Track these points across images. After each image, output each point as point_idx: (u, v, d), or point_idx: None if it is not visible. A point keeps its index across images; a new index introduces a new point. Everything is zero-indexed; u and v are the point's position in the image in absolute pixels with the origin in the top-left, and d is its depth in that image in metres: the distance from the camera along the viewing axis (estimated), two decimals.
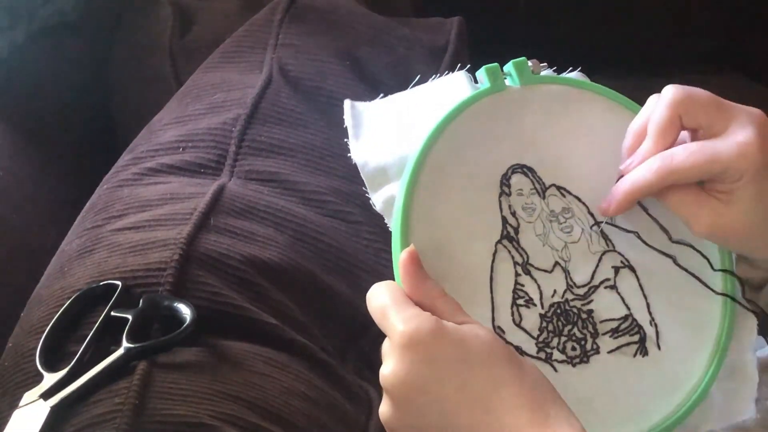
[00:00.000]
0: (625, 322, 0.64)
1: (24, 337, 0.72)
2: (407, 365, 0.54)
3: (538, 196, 0.65)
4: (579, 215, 0.65)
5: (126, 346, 0.67)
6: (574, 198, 0.66)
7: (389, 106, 0.70)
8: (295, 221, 0.83)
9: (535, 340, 0.62)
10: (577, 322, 0.63)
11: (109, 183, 0.87)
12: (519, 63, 0.66)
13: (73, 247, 0.79)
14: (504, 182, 0.64)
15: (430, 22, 1.15)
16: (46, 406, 0.64)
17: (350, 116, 0.70)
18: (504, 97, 0.66)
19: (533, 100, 0.66)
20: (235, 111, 0.91)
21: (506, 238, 0.63)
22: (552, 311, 0.63)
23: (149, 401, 0.64)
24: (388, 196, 0.65)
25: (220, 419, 0.64)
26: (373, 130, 0.68)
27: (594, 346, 0.63)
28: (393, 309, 0.56)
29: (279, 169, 0.87)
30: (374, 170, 0.66)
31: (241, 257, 0.76)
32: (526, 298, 0.63)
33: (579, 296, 0.64)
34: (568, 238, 0.65)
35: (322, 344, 0.78)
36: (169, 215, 0.78)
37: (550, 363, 0.62)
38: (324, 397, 0.73)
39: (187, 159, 0.87)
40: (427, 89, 0.70)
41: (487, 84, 0.66)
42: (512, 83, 0.67)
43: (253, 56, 1.00)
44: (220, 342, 0.70)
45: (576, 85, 0.68)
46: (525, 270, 0.63)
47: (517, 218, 0.64)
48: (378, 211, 0.65)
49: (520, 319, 0.62)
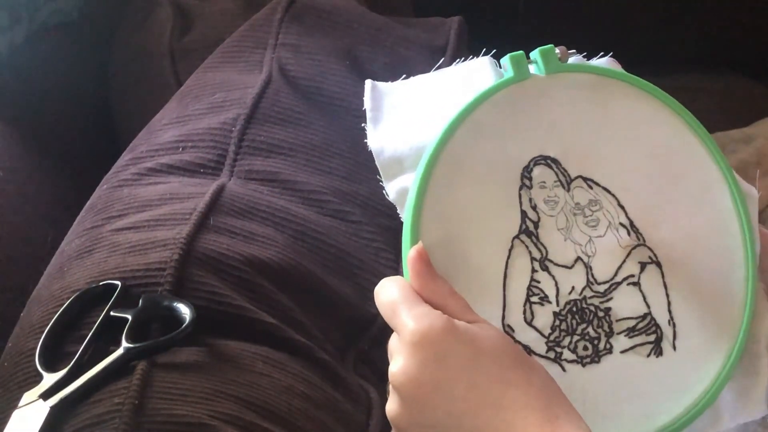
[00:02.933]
0: (643, 321, 0.63)
1: (24, 337, 0.72)
2: (418, 363, 0.53)
3: (563, 188, 0.63)
4: (608, 208, 0.63)
5: (125, 346, 0.67)
6: (602, 189, 0.63)
7: (410, 90, 0.68)
8: (295, 221, 0.83)
9: (546, 339, 0.61)
10: (593, 321, 0.62)
11: (109, 183, 0.87)
12: (546, 50, 0.64)
13: (73, 247, 0.79)
14: (525, 174, 0.62)
15: (430, 21, 1.15)
16: (46, 406, 0.64)
17: (370, 98, 0.67)
18: (528, 86, 0.63)
19: (559, 89, 0.64)
20: (235, 111, 0.91)
21: (525, 233, 0.62)
22: (567, 309, 0.62)
23: (149, 401, 0.64)
24: (401, 187, 0.63)
25: (219, 419, 0.64)
26: (392, 116, 0.66)
27: (607, 346, 0.62)
28: (403, 306, 0.55)
29: (279, 169, 0.87)
30: (389, 159, 0.64)
31: (240, 257, 0.76)
32: (541, 296, 0.61)
33: (599, 293, 0.62)
34: (593, 232, 0.63)
35: (322, 344, 0.78)
36: (169, 215, 0.78)
37: (558, 363, 0.61)
38: (324, 397, 0.73)
39: (186, 159, 0.87)
40: (451, 74, 0.68)
41: (511, 72, 0.63)
42: (538, 71, 0.64)
43: (253, 56, 1.00)
44: (219, 342, 0.70)
45: (604, 73, 0.66)
46: (543, 266, 0.62)
47: (538, 212, 0.62)
48: (390, 200, 0.63)
49: (532, 317, 0.61)
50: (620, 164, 0.64)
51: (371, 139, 0.65)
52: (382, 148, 0.64)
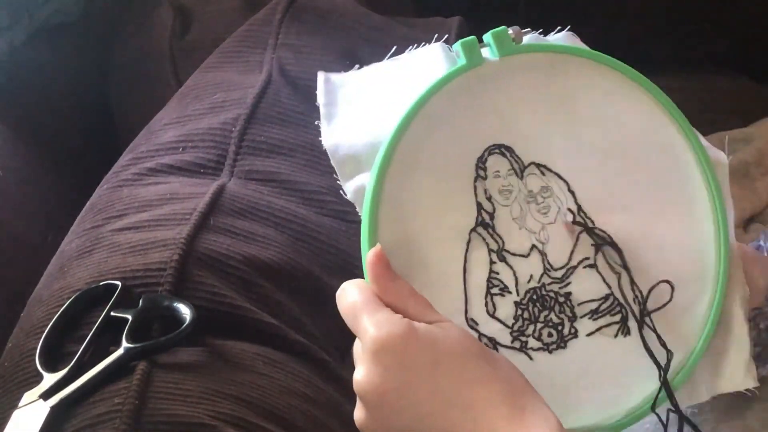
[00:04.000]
0: (606, 302, 0.62)
1: (24, 338, 0.72)
2: (380, 371, 0.53)
3: (516, 176, 0.62)
4: (558, 194, 0.62)
5: (126, 346, 0.67)
6: (554, 175, 0.62)
7: (364, 81, 0.67)
8: (295, 221, 0.83)
9: (510, 329, 0.61)
10: (554, 307, 0.61)
11: (109, 183, 0.87)
12: (498, 33, 0.62)
13: (73, 247, 0.79)
14: (480, 165, 0.61)
15: (430, 22, 1.15)
16: (46, 406, 0.64)
17: (323, 92, 0.66)
18: (481, 73, 0.62)
19: (513, 72, 0.62)
20: (235, 111, 0.91)
21: (481, 225, 0.61)
22: (528, 297, 0.61)
23: (149, 401, 0.64)
24: (358, 185, 0.61)
25: (219, 419, 0.64)
26: (346, 111, 0.65)
27: (572, 330, 0.61)
28: (363, 312, 0.55)
29: (279, 169, 0.87)
30: (345, 157, 0.62)
31: (241, 257, 0.76)
32: (501, 287, 0.61)
33: (556, 279, 0.62)
34: (545, 219, 0.62)
35: (322, 344, 0.78)
36: (169, 215, 0.78)
37: (525, 352, 0.61)
38: (324, 397, 0.73)
39: (187, 159, 0.87)
40: (404, 62, 0.67)
41: (464, 60, 0.61)
42: (492, 55, 0.63)
43: (253, 56, 1.00)
44: (219, 342, 0.70)
45: (562, 50, 0.64)
46: (500, 257, 0.61)
47: (493, 203, 0.61)
48: (349, 199, 0.62)
49: (494, 309, 0.61)
50: (575, 146, 0.63)
51: (325, 136, 0.64)
52: (337, 145, 0.63)
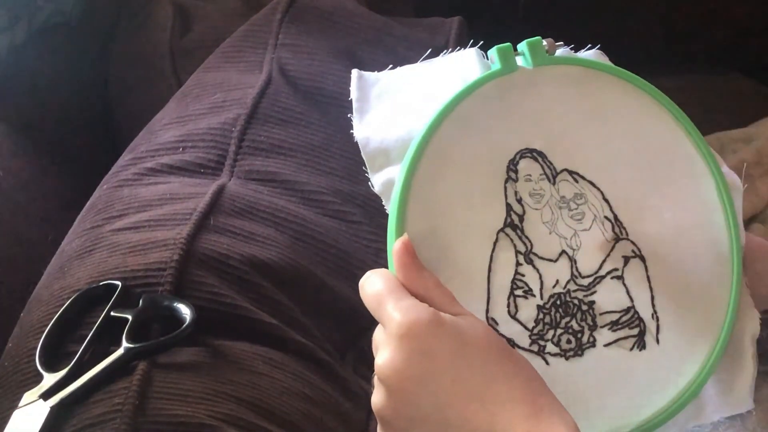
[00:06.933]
0: (626, 315, 0.63)
1: (24, 338, 0.72)
2: (404, 356, 0.53)
3: (548, 181, 0.63)
4: (593, 201, 0.63)
5: (126, 346, 0.67)
6: (587, 183, 0.63)
7: (397, 80, 0.68)
8: (295, 221, 0.83)
9: (530, 332, 0.61)
10: (576, 314, 0.62)
11: (109, 183, 0.87)
12: (533, 42, 0.64)
13: (73, 247, 0.79)
14: (511, 168, 0.62)
15: (430, 22, 1.15)
16: (46, 406, 0.64)
17: (356, 88, 0.67)
18: (515, 79, 0.63)
19: (546, 81, 0.64)
20: (235, 111, 0.91)
21: (510, 226, 0.62)
22: (551, 302, 0.62)
23: (149, 401, 0.64)
24: (387, 178, 0.63)
25: (219, 419, 0.64)
26: (378, 107, 0.66)
27: (590, 339, 0.62)
28: (389, 298, 0.55)
29: (279, 169, 0.87)
30: (375, 150, 0.64)
31: (241, 257, 0.76)
32: (525, 289, 0.61)
33: (582, 287, 0.62)
34: (578, 225, 0.63)
35: (322, 344, 0.78)
36: (169, 215, 0.78)
37: (542, 356, 0.61)
38: (324, 397, 0.73)
39: (187, 159, 0.87)
40: (438, 65, 0.68)
41: (498, 65, 0.63)
42: (525, 64, 0.64)
43: (253, 56, 1.00)
44: (219, 342, 0.70)
45: (592, 66, 0.65)
46: (527, 259, 0.62)
47: (523, 205, 0.62)
48: (376, 192, 0.63)
49: (516, 310, 0.61)
50: (606, 158, 0.64)
51: (357, 130, 0.65)
52: (368, 138, 0.64)
